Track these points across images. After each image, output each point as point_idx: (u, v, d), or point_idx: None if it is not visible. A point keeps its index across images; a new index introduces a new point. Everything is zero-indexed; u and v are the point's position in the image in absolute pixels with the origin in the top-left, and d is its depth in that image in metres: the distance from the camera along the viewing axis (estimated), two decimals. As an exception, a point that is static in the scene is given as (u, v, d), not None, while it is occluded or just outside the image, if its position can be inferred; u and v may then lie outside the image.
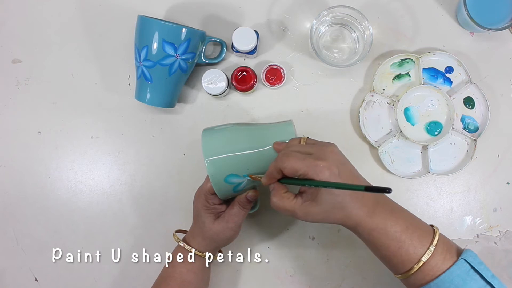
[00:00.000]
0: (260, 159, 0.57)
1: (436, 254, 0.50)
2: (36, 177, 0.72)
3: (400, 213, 0.53)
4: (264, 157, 0.56)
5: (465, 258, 0.50)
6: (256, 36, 0.67)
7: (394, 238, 0.50)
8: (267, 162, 0.54)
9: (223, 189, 0.58)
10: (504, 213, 0.70)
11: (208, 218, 0.60)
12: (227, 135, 0.59)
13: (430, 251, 0.49)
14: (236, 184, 0.57)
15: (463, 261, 0.50)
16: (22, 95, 0.73)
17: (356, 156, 0.70)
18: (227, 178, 0.56)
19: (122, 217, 0.72)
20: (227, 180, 0.57)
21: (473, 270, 0.49)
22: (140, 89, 0.67)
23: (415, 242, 0.50)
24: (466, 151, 0.70)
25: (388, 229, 0.50)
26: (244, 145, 0.57)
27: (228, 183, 0.57)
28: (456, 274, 0.49)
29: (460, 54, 0.71)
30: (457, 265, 0.49)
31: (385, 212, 0.51)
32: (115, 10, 0.73)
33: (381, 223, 0.50)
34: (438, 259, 0.49)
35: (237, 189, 0.58)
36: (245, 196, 0.59)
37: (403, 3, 0.72)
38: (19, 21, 0.74)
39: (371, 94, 0.70)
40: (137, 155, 0.72)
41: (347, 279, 0.70)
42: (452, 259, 0.50)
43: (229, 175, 0.56)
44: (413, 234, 0.50)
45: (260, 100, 0.72)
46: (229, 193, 0.59)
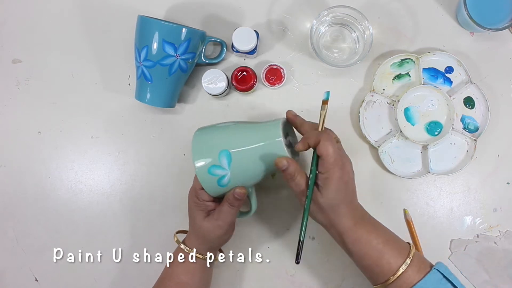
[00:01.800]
0: (244, 156, 0.57)
1: (412, 266, 0.54)
2: (36, 177, 0.72)
3: (382, 230, 0.58)
4: (248, 155, 0.57)
5: (438, 268, 0.55)
6: (256, 36, 0.67)
7: (377, 249, 0.55)
8: (249, 160, 0.57)
9: (207, 180, 0.58)
10: (504, 213, 0.70)
11: (199, 215, 0.60)
12: (215, 129, 0.60)
13: (407, 263, 0.54)
14: (220, 176, 0.57)
15: (435, 271, 0.54)
16: (22, 95, 0.73)
17: (356, 156, 0.70)
18: (210, 168, 0.57)
19: (122, 217, 0.72)
20: (210, 171, 0.57)
21: (445, 279, 0.54)
22: (140, 89, 0.67)
23: (395, 253, 0.55)
24: (466, 151, 0.70)
25: (371, 240, 0.55)
26: (228, 139, 0.58)
27: (212, 175, 0.57)
28: (430, 283, 0.53)
29: (460, 54, 0.71)
30: (431, 274, 0.54)
31: (369, 226, 0.57)
32: (115, 10, 0.73)
33: (365, 234, 0.55)
34: (414, 270, 0.54)
35: (221, 183, 0.58)
36: (232, 193, 0.58)
37: (403, 3, 0.72)
38: (19, 21, 0.74)
39: (371, 94, 0.70)
40: (137, 155, 0.72)
41: (347, 279, 0.70)
42: (425, 270, 0.54)
43: (212, 166, 0.57)
44: (393, 246, 0.56)
45: (260, 100, 0.72)
46: (215, 186, 0.58)
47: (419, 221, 0.70)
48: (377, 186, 0.71)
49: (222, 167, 0.57)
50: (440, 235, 0.70)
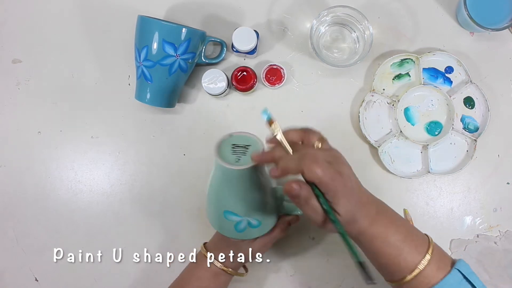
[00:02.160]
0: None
1: (431, 263, 0.50)
2: (36, 177, 0.72)
3: (399, 222, 0.53)
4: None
5: (458, 268, 0.51)
6: (256, 36, 0.67)
7: (394, 246, 0.51)
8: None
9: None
10: (504, 213, 0.70)
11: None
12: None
13: (426, 259, 0.50)
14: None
15: (456, 271, 0.51)
16: (22, 95, 0.73)
17: (356, 156, 0.70)
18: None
19: (122, 217, 0.72)
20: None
21: (466, 280, 0.50)
22: (140, 89, 0.67)
23: (413, 250, 0.51)
24: (466, 151, 0.70)
25: (389, 238, 0.51)
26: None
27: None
28: (449, 284, 0.50)
29: (460, 54, 0.71)
30: (451, 275, 0.50)
31: (385, 221, 0.52)
32: (115, 10, 0.73)
33: (383, 232, 0.51)
34: (432, 268, 0.50)
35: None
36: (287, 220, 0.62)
37: (403, 3, 0.72)
38: (19, 21, 0.73)
39: (371, 94, 0.70)
40: (137, 155, 0.72)
41: (347, 279, 0.70)
42: (445, 269, 0.51)
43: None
44: (412, 243, 0.51)
45: (260, 100, 0.72)
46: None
47: (419, 221, 0.70)
48: (377, 186, 0.71)
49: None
50: (440, 235, 0.70)
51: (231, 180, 0.54)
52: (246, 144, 0.56)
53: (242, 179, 0.53)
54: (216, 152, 0.53)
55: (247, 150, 0.55)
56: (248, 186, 0.54)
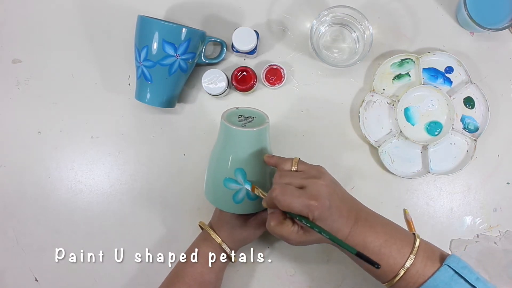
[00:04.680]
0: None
1: (417, 263, 0.51)
2: (36, 177, 0.72)
3: (379, 227, 0.54)
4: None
5: (448, 264, 0.51)
6: (256, 36, 0.67)
7: (374, 252, 0.52)
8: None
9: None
10: (504, 213, 0.70)
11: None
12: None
13: (411, 259, 0.51)
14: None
15: (446, 267, 0.51)
16: (22, 95, 0.73)
17: (356, 156, 0.70)
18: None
19: (122, 217, 0.72)
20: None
21: (457, 275, 0.50)
22: (140, 89, 0.67)
23: (394, 254, 0.52)
24: (466, 151, 0.70)
25: (367, 245, 0.52)
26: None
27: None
28: (440, 280, 0.50)
29: (460, 54, 0.71)
30: (441, 271, 0.50)
31: (364, 229, 0.52)
32: (115, 10, 0.73)
33: (361, 240, 0.52)
34: (419, 267, 0.51)
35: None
36: None
37: (403, 3, 0.72)
38: (19, 21, 0.73)
39: (371, 94, 0.70)
40: (137, 155, 0.72)
41: (347, 279, 0.70)
42: (434, 266, 0.51)
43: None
44: (392, 247, 0.52)
45: (260, 100, 0.72)
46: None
47: (419, 221, 0.70)
48: (377, 186, 0.71)
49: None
50: (440, 235, 0.70)
51: (235, 143, 0.57)
52: (251, 116, 0.61)
53: (247, 142, 0.57)
54: (223, 118, 0.58)
55: (252, 119, 0.61)
56: (252, 150, 0.57)
